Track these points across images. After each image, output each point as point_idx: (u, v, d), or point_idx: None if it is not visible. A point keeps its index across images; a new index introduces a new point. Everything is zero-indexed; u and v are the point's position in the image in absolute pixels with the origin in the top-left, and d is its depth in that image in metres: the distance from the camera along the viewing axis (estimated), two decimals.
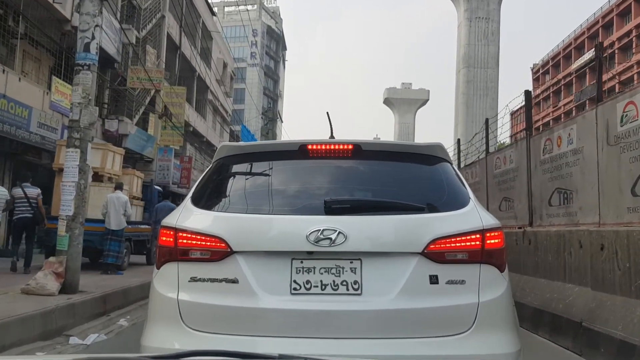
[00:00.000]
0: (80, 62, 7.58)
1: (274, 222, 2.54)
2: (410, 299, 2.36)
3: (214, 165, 2.97)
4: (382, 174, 2.86)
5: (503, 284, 2.52)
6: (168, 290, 2.51)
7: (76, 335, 5.98)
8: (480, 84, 52.41)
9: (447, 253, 2.43)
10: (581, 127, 6.30)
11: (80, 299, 6.81)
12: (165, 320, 2.50)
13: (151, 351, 2.39)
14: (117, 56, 19.18)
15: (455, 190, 2.70)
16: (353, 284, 2.39)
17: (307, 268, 2.41)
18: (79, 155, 7.43)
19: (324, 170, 2.88)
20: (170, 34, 25.44)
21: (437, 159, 2.85)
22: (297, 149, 2.79)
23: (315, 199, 2.68)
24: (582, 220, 6.20)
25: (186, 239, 2.51)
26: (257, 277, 2.41)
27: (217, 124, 37.99)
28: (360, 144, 2.78)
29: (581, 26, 57.38)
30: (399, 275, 2.39)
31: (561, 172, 6.75)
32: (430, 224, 2.48)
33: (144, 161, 22.54)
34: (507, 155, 8.87)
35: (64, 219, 7.37)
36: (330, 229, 2.38)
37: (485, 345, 2.37)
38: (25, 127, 13.85)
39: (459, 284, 2.41)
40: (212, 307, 2.42)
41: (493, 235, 2.51)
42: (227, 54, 40.13)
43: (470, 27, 52.90)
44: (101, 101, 19.54)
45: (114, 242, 10.03)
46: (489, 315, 2.41)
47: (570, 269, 6.04)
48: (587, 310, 5.38)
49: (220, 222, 2.54)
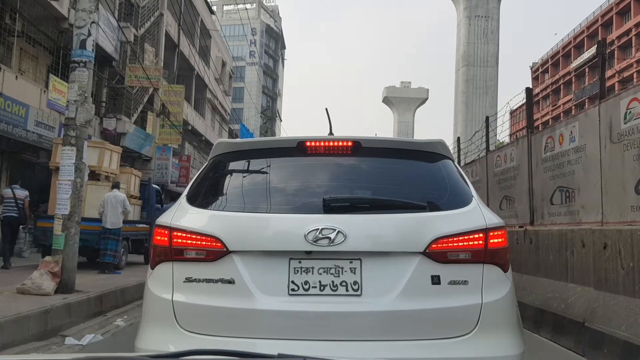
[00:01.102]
0: (76, 59, 7.49)
1: (271, 221, 2.47)
2: (411, 300, 2.30)
3: (210, 162, 2.91)
4: (382, 171, 2.80)
5: (507, 284, 2.45)
6: (162, 291, 2.44)
7: (72, 335, 5.92)
8: (479, 82, 52.19)
9: (450, 253, 2.35)
10: (583, 125, 6.22)
11: (76, 299, 6.74)
12: (160, 321, 2.44)
13: (146, 353, 2.26)
14: (115, 54, 19.08)
15: (458, 188, 2.63)
16: (353, 285, 2.32)
17: (306, 268, 2.34)
18: (75, 154, 7.35)
19: (323, 168, 2.79)
20: (168, 32, 25.34)
21: (439, 155, 2.79)
22: (295, 146, 2.72)
23: (313, 197, 2.60)
24: (585, 219, 6.13)
25: (181, 239, 2.44)
26: (254, 277, 2.34)
27: (215, 123, 37.89)
28: (359, 140, 2.70)
29: (580, 25, 57.30)
30: (399, 276, 2.33)
31: (563, 170, 6.68)
32: (432, 222, 2.41)
33: (143, 160, 22.45)
34: (507, 154, 8.78)
35: (59, 218, 7.29)
36: (329, 228, 2.31)
37: (489, 347, 2.30)
38: (22, 125, 13.74)
39: (462, 284, 2.34)
40: (208, 308, 2.35)
41: (496, 234, 2.43)
42: (225, 52, 40.03)
43: (470, 26, 52.64)
44: (99, 100, 19.44)
45: (111, 241, 9.95)
46: (492, 317, 2.34)
47: (572, 268, 5.97)
48: (590, 310, 5.31)
49: (216, 221, 2.47)
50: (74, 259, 7.41)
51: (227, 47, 41.98)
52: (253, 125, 59.43)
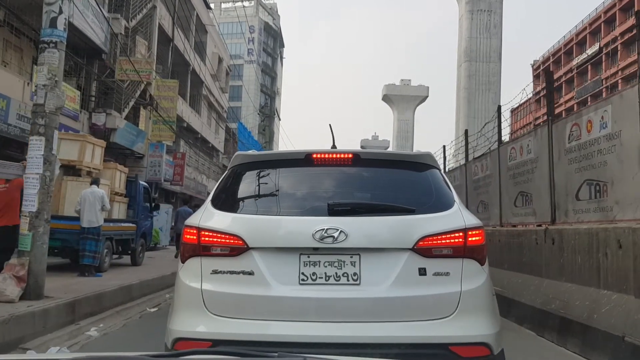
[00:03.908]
0: (45, 39, 6.72)
1: (284, 222, 2.90)
2: (402, 288, 2.70)
3: (230, 171, 3.29)
4: (378, 179, 3.21)
5: (483, 275, 2.84)
6: (192, 281, 2.83)
7: (34, 348, 5.24)
8: (482, 78, 51.17)
9: (434, 249, 2.75)
10: (618, 109, 5.44)
11: (43, 306, 6.00)
12: (190, 307, 2.81)
13: (179, 334, 2.76)
14: (105, 46, 18.30)
15: (442, 194, 3.03)
16: (353, 276, 2.73)
17: (313, 262, 2.75)
18: (43, 144, 6.58)
19: (327, 177, 3.22)
20: (162, 25, 24.52)
21: (427, 166, 3.18)
22: (303, 158, 3.13)
23: (319, 202, 3.01)
24: (620, 216, 5.36)
25: (208, 237, 2.83)
26: (270, 269, 2.74)
27: (212, 120, 37.06)
28: (359, 153, 3.15)
29: (582, 22, 56.44)
30: (392, 268, 2.73)
31: (592, 161, 5.89)
32: (420, 223, 2.80)
33: (135, 157, 21.66)
34: (524, 145, 8.01)
35: (26, 216, 6.52)
36: (333, 228, 2.71)
37: (467, 327, 2.69)
38: (2, 119, 12.97)
39: (444, 275, 2.74)
40: (231, 295, 2.74)
41: (474, 233, 2.82)
42: (222, 48, 39.22)
43: (472, 20, 51.56)
44: (88, 94, 18.67)
45: (90, 241, 9.14)
46: (470, 302, 2.73)
47: (605, 272, 5.21)
48: (631, 323, 4.56)
49: (237, 222, 2.88)
50: (43, 261, 6.64)
51: (223, 43, 41.15)
52: (251, 124, 58.61)
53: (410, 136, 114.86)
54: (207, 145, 36.59)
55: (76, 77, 18.53)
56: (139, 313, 7.80)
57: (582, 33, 56.20)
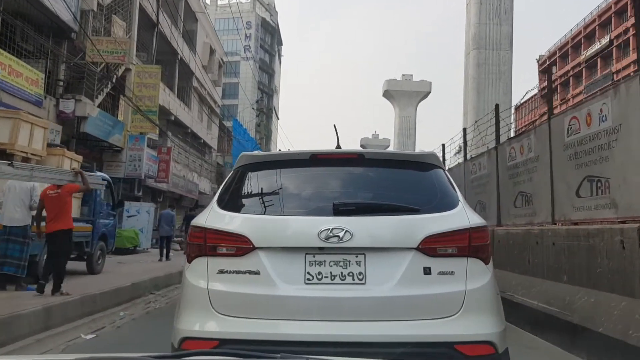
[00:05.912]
0: None
1: (289, 222, 2.95)
2: (407, 287, 2.72)
3: (235, 172, 3.33)
4: (382, 179, 3.27)
5: (487, 274, 2.85)
6: (199, 281, 2.87)
7: None
8: (492, 67, 48.47)
9: (439, 248, 2.78)
10: None
11: None
12: (197, 306, 2.84)
13: (185, 334, 2.77)
14: (74, 24, 16.24)
15: (446, 194, 3.04)
16: (358, 275, 2.77)
17: (319, 261, 2.80)
18: None
19: (332, 177, 3.29)
20: (145, 8, 22.46)
21: (431, 165, 3.21)
22: (308, 158, 3.21)
23: (325, 202, 3.07)
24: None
25: (214, 237, 2.89)
26: (276, 269, 2.79)
27: (203, 115, 34.96)
28: (363, 153, 3.29)
29: (591, 14, 54.34)
30: (397, 267, 2.76)
31: None
32: (424, 223, 2.83)
33: (113, 150, 19.59)
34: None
35: None
36: (339, 228, 2.76)
37: (471, 326, 2.69)
38: None
39: (449, 274, 2.76)
40: (238, 295, 2.79)
41: (479, 233, 2.85)
42: (215, 39, 37.14)
43: (481, 5, 48.77)
44: (55, 78, 16.59)
45: (12, 244, 7.05)
46: (474, 301, 2.73)
47: None
48: None
49: (243, 222, 2.93)
50: None
51: (216, 34, 39.09)
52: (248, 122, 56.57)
53: (413, 134, 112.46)
54: (199, 142, 34.52)
55: (44, 59, 16.50)
56: (65, 343, 5.76)
57: (590, 26, 54.12)
